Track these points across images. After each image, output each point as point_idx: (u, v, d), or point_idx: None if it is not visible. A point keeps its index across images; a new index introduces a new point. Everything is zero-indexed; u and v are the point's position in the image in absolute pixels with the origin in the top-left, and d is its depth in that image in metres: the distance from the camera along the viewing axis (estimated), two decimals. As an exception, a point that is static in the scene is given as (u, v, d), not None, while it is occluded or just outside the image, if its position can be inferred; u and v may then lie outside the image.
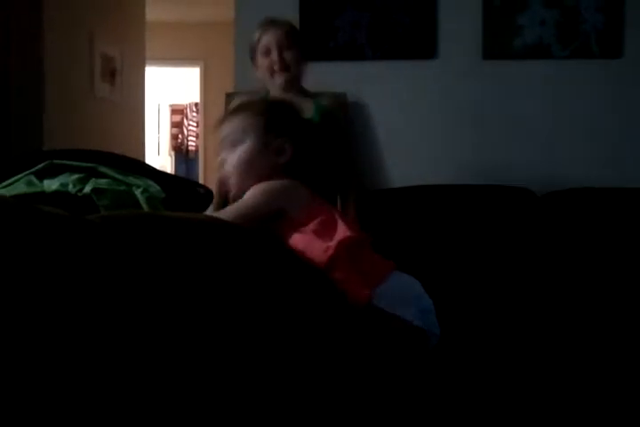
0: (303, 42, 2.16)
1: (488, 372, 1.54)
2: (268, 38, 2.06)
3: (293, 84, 2.08)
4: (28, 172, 1.42)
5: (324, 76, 2.73)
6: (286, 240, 1.21)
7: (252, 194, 1.24)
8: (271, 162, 1.29)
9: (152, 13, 4.84)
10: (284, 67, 2.04)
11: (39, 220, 0.57)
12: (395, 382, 1.14)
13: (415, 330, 1.22)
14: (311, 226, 1.21)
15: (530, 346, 1.76)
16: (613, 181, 2.46)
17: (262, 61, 2.07)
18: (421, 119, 2.73)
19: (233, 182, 1.30)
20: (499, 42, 2.66)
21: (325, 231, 1.22)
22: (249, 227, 1.08)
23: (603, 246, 2.26)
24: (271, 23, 2.11)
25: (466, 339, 1.47)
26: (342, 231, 1.21)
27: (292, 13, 2.75)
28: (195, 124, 7.55)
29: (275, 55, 2.03)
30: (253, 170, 1.28)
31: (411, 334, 1.22)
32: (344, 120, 2.33)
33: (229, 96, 2.73)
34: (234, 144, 1.29)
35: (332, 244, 1.18)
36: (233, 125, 1.30)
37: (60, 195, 1.38)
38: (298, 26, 2.72)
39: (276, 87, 2.08)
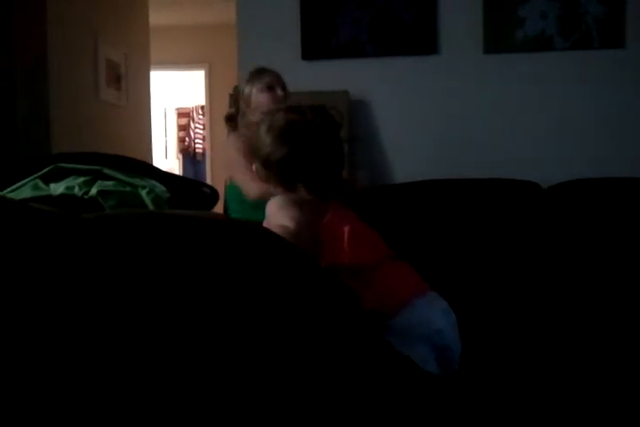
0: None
1: (493, 364, 1.54)
2: (267, 79, 2.19)
3: None
4: (34, 176, 1.44)
5: (325, 74, 2.74)
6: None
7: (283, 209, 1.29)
8: None
9: (155, 17, 4.87)
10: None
11: (32, 217, 0.57)
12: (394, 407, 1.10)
13: (423, 374, 1.17)
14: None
15: (536, 340, 1.76)
16: (618, 171, 2.44)
17: (263, 97, 2.17)
18: (424, 115, 2.73)
19: None
20: (500, 35, 2.66)
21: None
22: (250, 224, 1.07)
23: (610, 238, 2.25)
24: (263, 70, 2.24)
25: (473, 334, 1.46)
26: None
27: (293, 12, 2.76)
28: (201, 127, 7.57)
29: (279, 91, 2.18)
30: None
31: (418, 377, 1.16)
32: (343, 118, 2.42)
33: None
34: None
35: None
36: None
37: (66, 198, 1.39)
38: (299, 24, 2.75)
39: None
